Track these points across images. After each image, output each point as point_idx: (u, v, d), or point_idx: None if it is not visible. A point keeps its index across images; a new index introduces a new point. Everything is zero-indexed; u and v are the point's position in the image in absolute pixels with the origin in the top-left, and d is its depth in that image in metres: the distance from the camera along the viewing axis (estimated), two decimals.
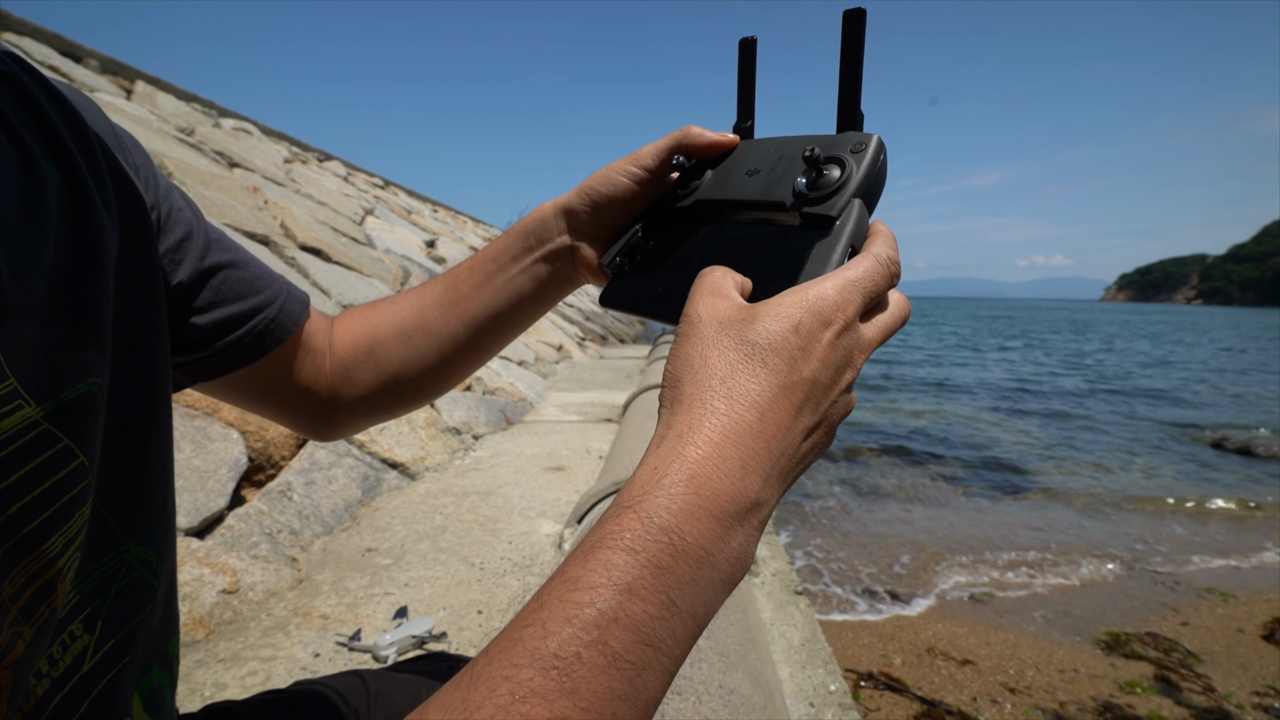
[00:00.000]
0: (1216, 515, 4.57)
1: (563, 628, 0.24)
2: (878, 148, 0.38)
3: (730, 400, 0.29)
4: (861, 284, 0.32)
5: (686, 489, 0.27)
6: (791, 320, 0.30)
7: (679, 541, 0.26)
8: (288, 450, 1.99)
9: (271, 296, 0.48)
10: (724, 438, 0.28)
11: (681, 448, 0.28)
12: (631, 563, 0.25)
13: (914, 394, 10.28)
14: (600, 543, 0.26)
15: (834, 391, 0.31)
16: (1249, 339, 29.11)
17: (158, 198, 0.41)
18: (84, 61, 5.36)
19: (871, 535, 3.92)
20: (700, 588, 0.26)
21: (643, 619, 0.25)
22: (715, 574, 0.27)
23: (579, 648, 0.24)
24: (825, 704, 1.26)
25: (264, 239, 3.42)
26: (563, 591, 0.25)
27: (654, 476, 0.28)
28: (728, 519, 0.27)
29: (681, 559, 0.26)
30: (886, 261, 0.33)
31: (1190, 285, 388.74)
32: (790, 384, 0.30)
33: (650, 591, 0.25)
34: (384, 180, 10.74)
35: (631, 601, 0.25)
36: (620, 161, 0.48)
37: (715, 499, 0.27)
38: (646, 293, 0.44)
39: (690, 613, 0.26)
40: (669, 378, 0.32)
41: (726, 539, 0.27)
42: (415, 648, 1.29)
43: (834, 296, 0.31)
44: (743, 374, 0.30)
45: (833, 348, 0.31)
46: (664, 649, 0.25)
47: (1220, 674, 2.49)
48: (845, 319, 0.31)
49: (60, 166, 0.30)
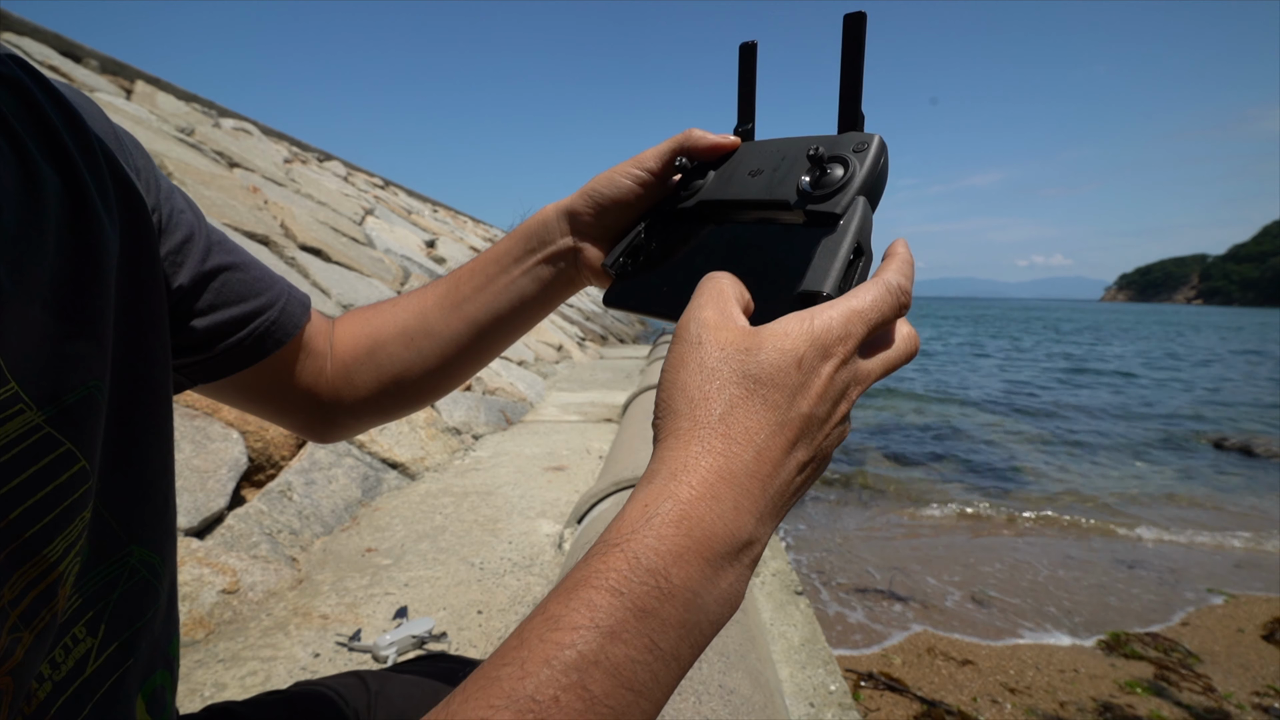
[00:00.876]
0: (1217, 515, 4.57)
1: (541, 669, 0.23)
2: (880, 147, 0.38)
3: (728, 440, 0.28)
4: (866, 314, 0.31)
5: (677, 530, 0.26)
6: (796, 354, 0.29)
7: (665, 585, 0.25)
8: (288, 450, 1.99)
9: (272, 299, 0.48)
10: (719, 478, 0.28)
11: (674, 487, 0.27)
12: (616, 605, 0.25)
13: (914, 394, 10.28)
14: (585, 581, 0.26)
15: (829, 425, 0.30)
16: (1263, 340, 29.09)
17: (159, 200, 0.41)
18: (84, 61, 5.36)
19: (871, 535, 3.92)
20: (686, 630, 0.26)
21: (624, 663, 0.24)
22: (703, 616, 0.27)
23: (557, 690, 0.23)
24: (825, 704, 1.26)
25: (264, 239, 3.42)
26: (544, 630, 0.25)
27: (644, 515, 0.27)
28: (718, 560, 0.27)
29: (668, 602, 0.25)
30: (896, 290, 0.32)
31: (1190, 285, 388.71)
32: (787, 420, 0.29)
33: (633, 635, 0.25)
34: (384, 180, 10.74)
35: (613, 645, 0.24)
36: (623, 164, 0.48)
37: (706, 540, 0.27)
38: (650, 292, 0.44)
39: (675, 656, 0.26)
40: (665, 406, 0.31)
41: (716, 580, 0.27)
42: (415, 648, 1.29)
43: (838, 328, 0.30)
44: (742, 411, 0.29)
45: (831, 381, 0.30)
46: (645, 693, 0.25)
47: (1220, 674, 2.49)
48: (846, 351, 0.30)
49: (60, 169, 0.30)
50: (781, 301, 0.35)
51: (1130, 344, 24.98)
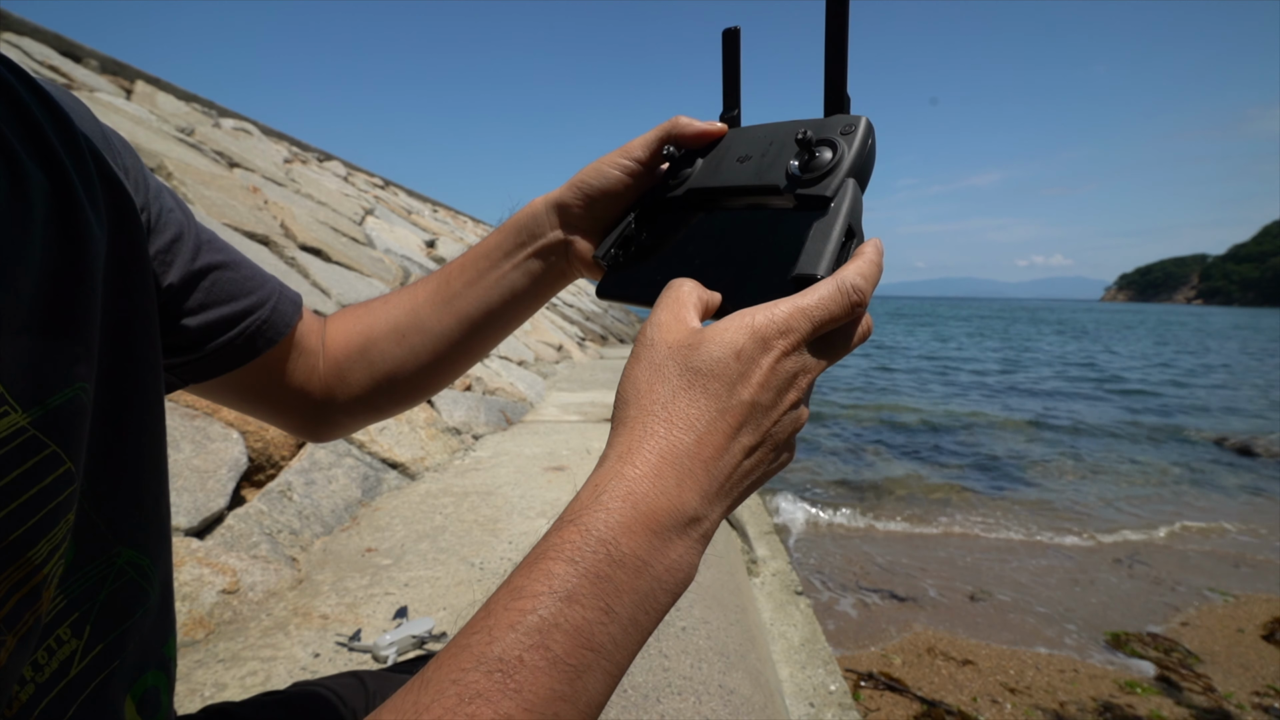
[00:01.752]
0: (1216, 515, 4.56)
1: (507, 633, 0.26)
2: (867, 128, 0.38)
3: (669, 424, 0.31)
4: (812, 312, 0.32)
5: (624, 504, 0.29)
6: (734, 346, 0.31)
7: (615, 552, 0.28)
8: (288, 450, 1.99)
9: (263, 297, 0.48)
10: (661, 459, 0.30)
11: (621, 467, 0.30)
12: (571, 572, 0.27)
13: (914, 393, 10.28)
14: (543, 554, 0.28)
15: (775, 412, 0.32)
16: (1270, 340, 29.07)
17: (147, 199, 0.41)
18: (84, 61, 5.35)
19: (870, 535, 3.92)
20: (639, 595, 0.28)
21: (582, 624, 0.27)
22: (654, 583, 0.29)
23: (522, 651, 0.25)
24: (825, 704, 1.26)
25: (264, 239, 3.42)
26: (508, 600, 0.27)
27: (594, 493, 0.30)
28: (664, 532, 0.29)
29: (619, 569, 0.28)
30: (848, 290, 0.33)
31: (1190, 285, 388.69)
32: (728, 408, 0.31)
33: (589, 598, 0.27)
34: (384, 180, 10.74)
35: (571, 608, 0.27)
36: (611, 154, 0.48)
37: (652, 514, 0.29)
38: (642, 283, 0.44)
39: (631, 619, 0.28)
40: (619, 399, 0.34)
41: (664, 550, 0.29)
42: (415, 648, 1.29)
43: (779, 322, 0.32)
44: (683, 400, 0.31)
45: (773, 371, 0.32)
46: (604, 653, 0.27)
47: (1220, 674, 2.49)
48: (788, 344, 0.32)
49: (46, 168, 0.30)
50: (775, 286, 0.35)
51: (1132, 344, 24.96)
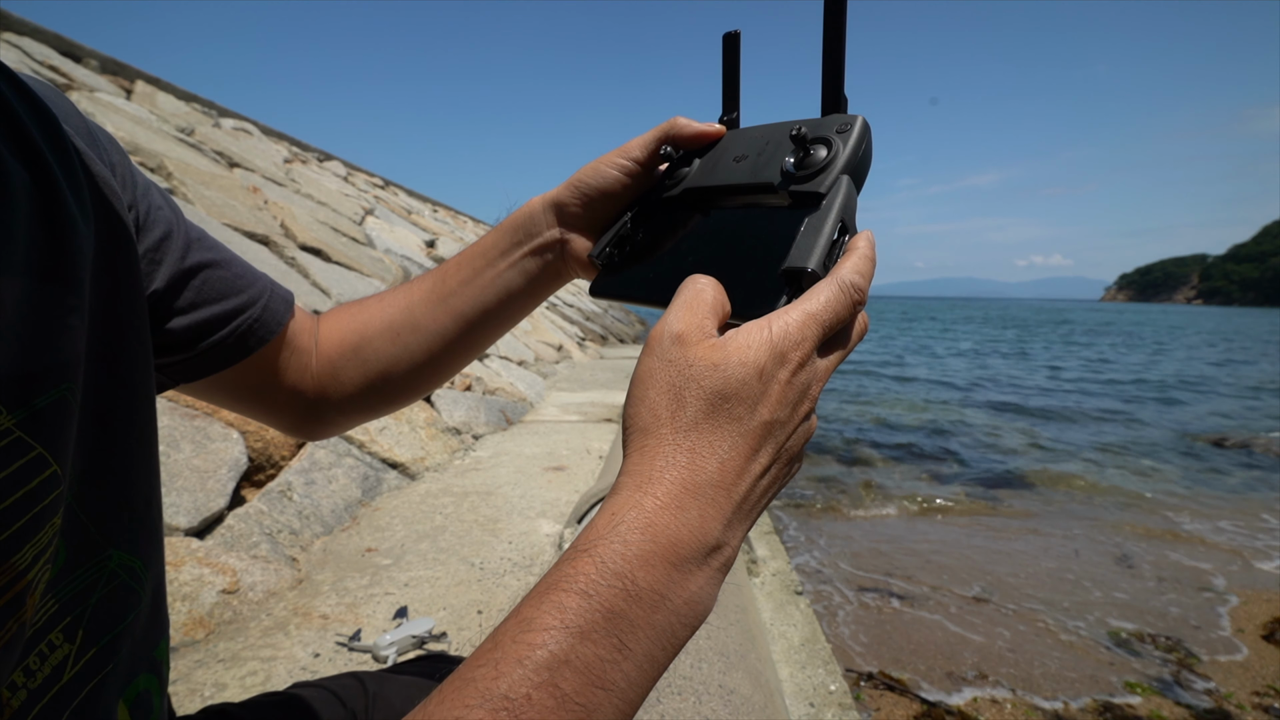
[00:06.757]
0: (1216, 514, 4.56)
1: (514, 669, 0.24)
2: (863, 127, 0.38)
3: (692, 454, 0.29)
4: (820, 316, 0.32)
5: (642, 536, 0.27)
6: (757, 365, 0.30)
7: (631, 587, 0.26)
8: (288, 450, 1.99)
9: (255, 296, 0.48)
10: (684, 490, 0.29)
11: (639, 497, 0.29)
12: (584, 606, 0.26)
13: (914, 393, 10.28)
14: (555, 585, 0.27)
15: (790, 426, 0.31)
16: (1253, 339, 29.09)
17: (135, 196, 0.40)
18: (84, 61, 5.35)
19: (872, 534, 3.92)
20: (655, 631, 0.27)
21: (594, 662, 0.25)
22: (672, 618, 0.27)
23: (529, 689, 0.24)
24: (825, 704, 1.26)
25: (264, 239, 3.42)
26: (516, 632, 0.26)
27: (610, 523, 0.28)
28: (684, 564, 0.28)
29: (635, 603, 0.26)
30: (849, 288, 0.32)
31: (1190, 285, 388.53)
32: (749, 429, 0.30)
33: (602, 635, 0.26)
34: (384, 180, 10.73)
35: (583, 644, 0.25)
36: (609, 154, 0.48)
37: (672, 546, 0.28)
38: (637, 281, 0.44)
39: (646, 655, 0.27)
40: (633, 421, 0.31)
41: (684, 583, 0.28)
42: (415, 648, 1.29)
43: (794, 332, 0.31)
44: (706, 426, 0.30)
45: (789, 386, 0.31)
46: (616, 691, 0.26)
47: (1221, 674, 2.48)
48: (802, 355, 0.31)
49: (29, 165, 0.29)
50: (767, 283, 0.35)
51: (1132, 344, 24.97)
